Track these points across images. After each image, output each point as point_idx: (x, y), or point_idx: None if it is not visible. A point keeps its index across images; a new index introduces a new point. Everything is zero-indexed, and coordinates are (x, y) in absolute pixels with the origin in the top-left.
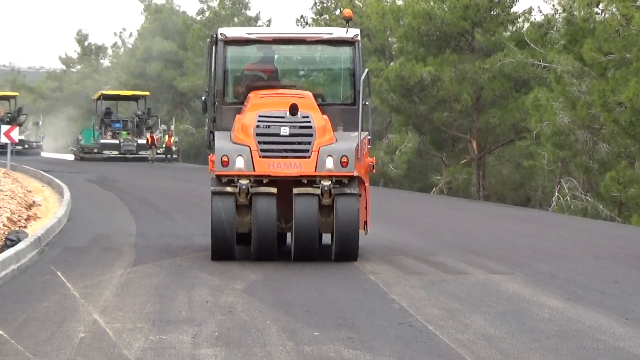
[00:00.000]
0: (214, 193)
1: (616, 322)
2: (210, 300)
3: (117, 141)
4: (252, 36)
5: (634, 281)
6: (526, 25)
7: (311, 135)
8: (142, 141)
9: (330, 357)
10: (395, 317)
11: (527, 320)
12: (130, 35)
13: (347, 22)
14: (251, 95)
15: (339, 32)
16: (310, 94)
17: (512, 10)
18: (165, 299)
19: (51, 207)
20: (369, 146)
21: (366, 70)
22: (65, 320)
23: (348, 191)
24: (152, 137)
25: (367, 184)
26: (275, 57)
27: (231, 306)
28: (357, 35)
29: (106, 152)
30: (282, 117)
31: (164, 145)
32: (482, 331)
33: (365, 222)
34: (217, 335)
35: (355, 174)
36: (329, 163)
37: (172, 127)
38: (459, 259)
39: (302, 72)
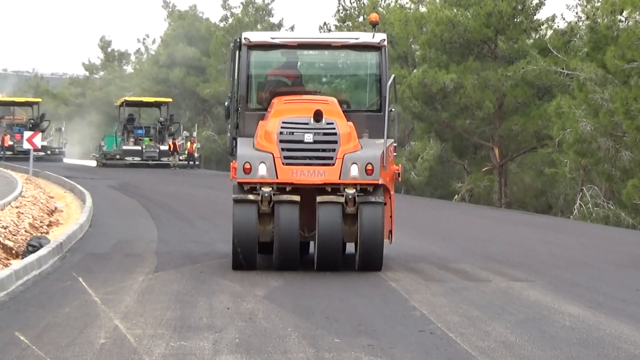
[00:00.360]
0: (236, 201)
1: (637, 330)
2: (231, 307)
3: (139, 147)
4: (277, 41)
5: None
6: (549, 32)
7: (336, 142)
8: (164, 147)
9: None
10: (416, 325)
11: (548, 328)
12: (154, 41)
13: (374, 26)
14: (275, 101)
15: (365, 37)
16: (335, 100)
17: (535, 17)
18: (186, 306)
19: (73, 213)
20: (394, 153)
21: (392, 76)
22: (86, 326)
23: (373, 200)
24: (174, 144)
25: (392, 192)
26: (300, 62)
27: (252, 313)
28: (384, 40)
29: (128, 159)
30: (306, 124)
31: (186, 152)
32: (503, 339)
33: (390, 231)
34: (238, 341)
35: (380, 182)
36: (354, 171)
37: (195, 134)
38: (480, 266)
39: (326, 78)
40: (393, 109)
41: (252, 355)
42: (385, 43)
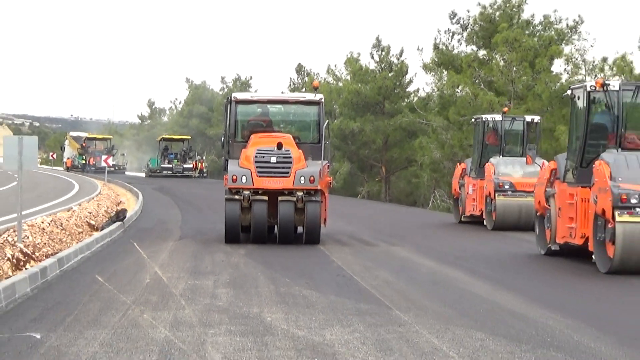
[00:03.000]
0: (227, 199)
1: (466, 275)
2: (224, 260)
3: (171, 165)
4: (254, 98)
5: (476, 248)
6: (415, 98)
7: (290, 162)
8: (187, 165)
9: (296, 294)
10: (335, 271)
11: (413, 274)
12: (180, 102)
13: (315, 89)
14: (252, 137)
15: (310, 96)
16: (290, 136)
17: (407, 89)
18: (198, 260)
19: (131, 204)
20: (328, 170)
21: (327, 121)
22: (138, 272)
23: (314, 199)
24: (196, 163)
25: (326, 194)
26: (269, 112)
27: (237, 264)
28: (322, 98)
29: (165, 172)
30: (272, 151)
31: (199, 168)
32: (386, 279)
33: (325, 219)
34: (229, 281)
35: (318, 187)
36: (302, 180)
37: (204, 157)
38: (373, 236)
39: (286, 122)
40: (327, 142)
41: (237, 289)
42: (323, 100)
